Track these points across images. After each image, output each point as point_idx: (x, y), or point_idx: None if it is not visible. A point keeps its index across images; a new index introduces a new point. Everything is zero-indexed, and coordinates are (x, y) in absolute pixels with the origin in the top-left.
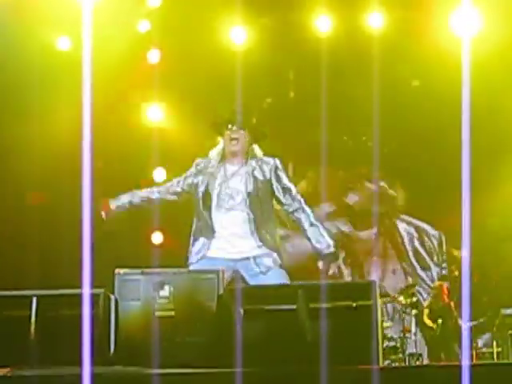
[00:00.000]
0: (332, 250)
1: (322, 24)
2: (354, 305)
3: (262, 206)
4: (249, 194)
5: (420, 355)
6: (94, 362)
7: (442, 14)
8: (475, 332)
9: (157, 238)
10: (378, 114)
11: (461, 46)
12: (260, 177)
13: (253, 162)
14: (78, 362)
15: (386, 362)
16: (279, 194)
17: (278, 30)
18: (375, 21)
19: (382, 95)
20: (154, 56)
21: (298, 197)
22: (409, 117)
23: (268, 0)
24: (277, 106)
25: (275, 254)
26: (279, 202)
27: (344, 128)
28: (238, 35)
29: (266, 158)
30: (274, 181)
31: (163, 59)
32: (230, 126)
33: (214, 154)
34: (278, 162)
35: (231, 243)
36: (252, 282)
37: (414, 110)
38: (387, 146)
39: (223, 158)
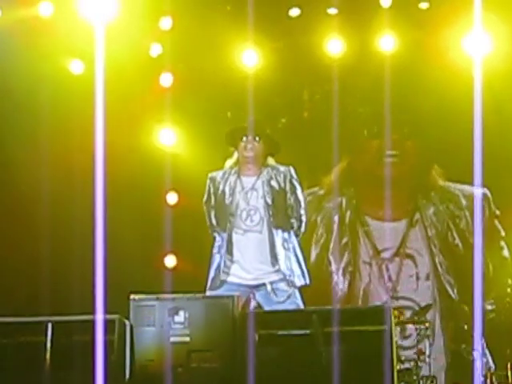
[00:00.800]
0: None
1: (334, 47)
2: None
3: (281, 220)
4: (268, 208)
5: (434, 377)
6: None
7: (454, 35)
8: None
9: (172, 261)
10: (390, 135)
11: (472, 67)
12: (276, 186)
13: (268, 171)
14: None
15: None
16: (290, 205)
17: (290, 53)
18: (387, 43)
19: (394, 117)
20: (166, 79)
21: (303, 216)
22: (422, 137)
23: (280, 23)
24: (290, 127)
25: (294, 276)
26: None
27: (356, 148)
28: (250, 58)
29: (280, 167)
30: (288, 190)
31: (175, 82)
32: (244, 138)
33: (230, 163)
34: (292, 170)
35: (248, 268)
36: (269, 308)
37: (426, 131)
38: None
39: (239, 169)
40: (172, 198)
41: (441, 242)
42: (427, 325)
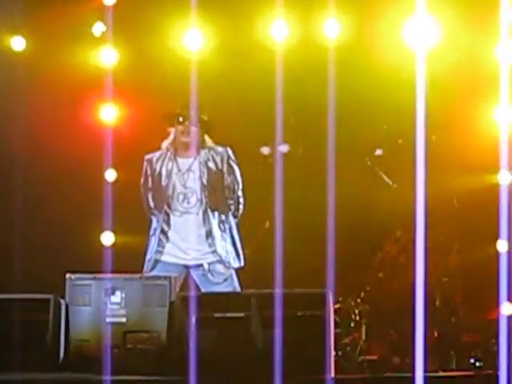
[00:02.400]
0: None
1: (278, 30)
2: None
3: (217, 201)
4: (205, 189)
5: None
6: (43, 368)
7: (399, 20)
8: None
9: (109, 239)
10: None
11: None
12: (213, 167)
13: (205, 152)
14: (28, 368)
15: None
16: (227, 186)
17: (234, 35)
18: (331, 29)
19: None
20: (108, 56)
21: (241, 198)
22: (362, 127)
23: (224, 4)
24: (234, 109)
25: (230, 257)
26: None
27: (294, 137)
28: (193, 40)
29: (217, 148)
30: (225, 171)
31: (118, 60)
32: (181, 119)
33: (166, 144)
34: (230, 151)
35: (185, 248)
36: (205, 290)
37: (367, 120)
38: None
39: (175, 151)
40: (111, 176)
41: None
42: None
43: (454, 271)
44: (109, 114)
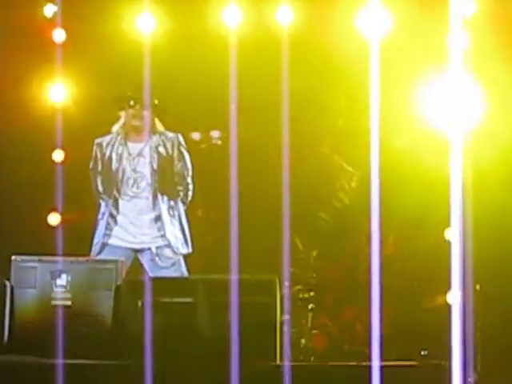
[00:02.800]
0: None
1: (231, 16)
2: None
3: (167, 187)
4: (155, 174)
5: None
6: None
7: (351, 8)
8: None
9: (55, 219)
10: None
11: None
12: (163, 152)
13: (156, 137)
14: None
15: None
16: (177, 172)
17: (187, 19)
18: (284, 16)
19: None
20: (58, 35)
21: (190, 185)
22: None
23: None
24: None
25: (178, 243)
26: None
27: (247, 123)
28: (145, 23)
29: (168, 134)
30: (175, 157)
31: (68, 40)
32: (132, 103)
33: (116, 128)
34: (180, 137)
35: (134, 232)
36: (153, 274)
37: (318, 107)
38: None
39: (126, 135)
40: (58, 156)
41: None
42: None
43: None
44: (58, 94)
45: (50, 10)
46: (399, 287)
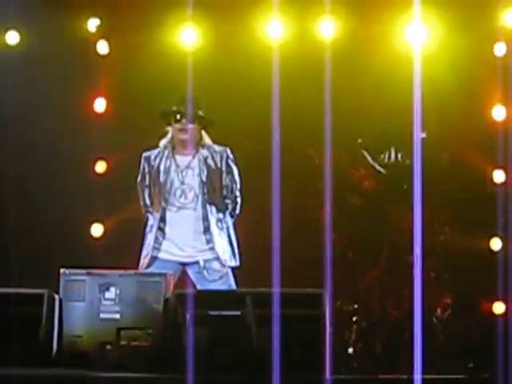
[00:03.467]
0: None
1: (274, 30)
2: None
3: (216, 199)
4: (203, 187)
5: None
6: (36, 364)
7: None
8: None
9: (98, 231)
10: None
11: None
12: (212, 165)
13: (204, 150)
14: (21, 363)
15: None
16: (225, 185)
17: (230, 32)
18: (326, 29)
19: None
20: (102, 47)
21: (238, 198)
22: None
23: (220, 1)
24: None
25: (227, 256)
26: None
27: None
28: (189, 36)
29: (216, 147)
30: (224, 170)
31: (111, 51)
32: (178, 117)
33: (164, 143)
34: (228, 151)
35: (182, 245)
36: (201, 287)
37: (366, 118)
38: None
39: (174, 148)
40: (100, 167)
41: None
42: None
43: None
44: (100, 106)
45: (93, 24)
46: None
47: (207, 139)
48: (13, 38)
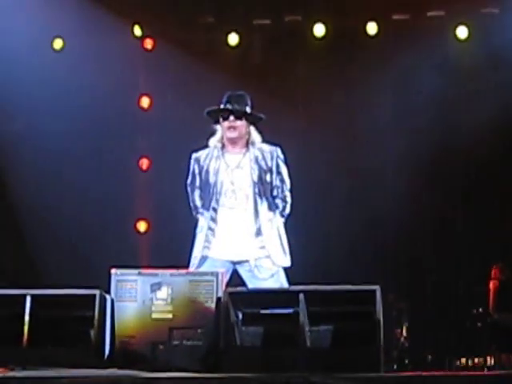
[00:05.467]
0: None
1: (319, 28)
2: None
3: (266, 199)
4: (254, 186)
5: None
6: (88, 365)
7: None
8: None
9: (143, 227)
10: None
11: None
12: (263, 165)
13: (255, 150)
14: (74, 364)
15: None
16: (276, 185)
17: (275, 32)
18: (371, 28)
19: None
20: (147, 44)
21: (288, 197)
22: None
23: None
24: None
25: (278, 254)
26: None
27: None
28: (233, 35)
29: (266, 146)
30: (274, 170)
31: (156, 48)
32: (226, 115)
33: (214, 141)
34: (279, 150)
35: (233, 244)
36: (252, 286)
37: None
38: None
39: (223, 147)
40: (144, 164)
41: None
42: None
43: None
44: (145, 102)
45: (138, 31)
46: None
47: (257, 137)
48: (59, 43)
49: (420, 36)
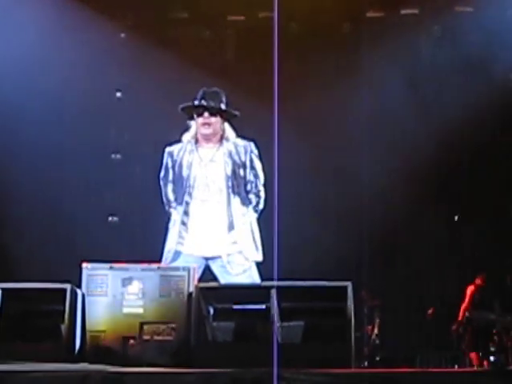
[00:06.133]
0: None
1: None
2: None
3: (239, 193)
4: (227, 180)
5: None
6: (59, 359)
7: None
8: None
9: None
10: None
11: None
12: (236, 159)
13: (228, 144)
14: (44, 359)
15: None
16: (249, 180)
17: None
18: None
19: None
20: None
21: (261, 192)
22: None
23: None
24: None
25: (250, 249)
26: (245, 187)
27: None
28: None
29: (240, 141)
30: (248, 164)
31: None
32: (200, 111)
33: (188, 137)
34: (253, 145)
35: (205, 239)
36: (225, 282)
37: None
38: None
39: (197, 142)
40: (116, 157)
41: None
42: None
43: None
44: (118, 96)
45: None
46: None
47: (231, 133)
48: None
49: (393, 34)
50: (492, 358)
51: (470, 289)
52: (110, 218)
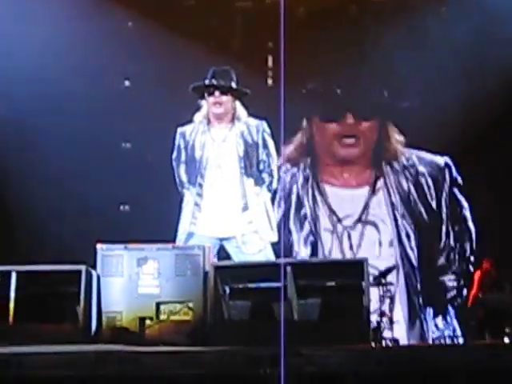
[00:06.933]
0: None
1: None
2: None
3: (253, 173)
4: (240, 161)
5: (396, 340)
6: (75, 340)
7: None
8: None
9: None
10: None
11: None
12: (249, 139)
13: (240, 124)
14: (60, 340)
15: None
16: (262, 159)
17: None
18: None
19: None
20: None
21: (274, 171)
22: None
23: None
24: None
25: (265, 229)
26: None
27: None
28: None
29: (252, 120)
30: (260, 144)
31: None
32: (211, 90)
33: (200, 117)
34: (265, 124)
35: (219, 220)
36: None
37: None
38: None
39: (209, 122)
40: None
41: (405, 208)
42: (389, 287)
43: None
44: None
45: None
46: None
47: (242, 111)
48: None
49: (400, 16)
50: (506, 340)
51: (477, 274)
52: (121, 207)
